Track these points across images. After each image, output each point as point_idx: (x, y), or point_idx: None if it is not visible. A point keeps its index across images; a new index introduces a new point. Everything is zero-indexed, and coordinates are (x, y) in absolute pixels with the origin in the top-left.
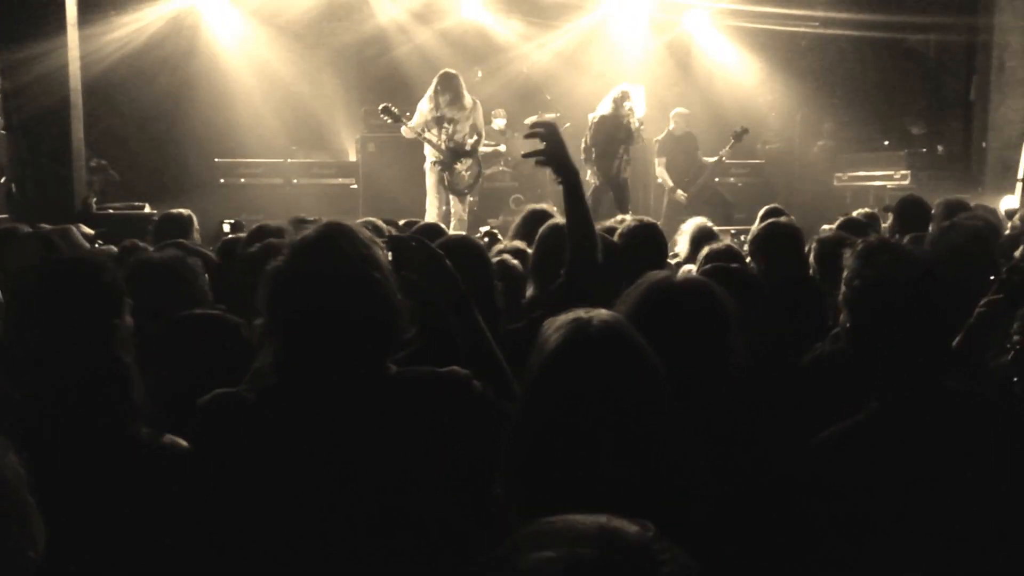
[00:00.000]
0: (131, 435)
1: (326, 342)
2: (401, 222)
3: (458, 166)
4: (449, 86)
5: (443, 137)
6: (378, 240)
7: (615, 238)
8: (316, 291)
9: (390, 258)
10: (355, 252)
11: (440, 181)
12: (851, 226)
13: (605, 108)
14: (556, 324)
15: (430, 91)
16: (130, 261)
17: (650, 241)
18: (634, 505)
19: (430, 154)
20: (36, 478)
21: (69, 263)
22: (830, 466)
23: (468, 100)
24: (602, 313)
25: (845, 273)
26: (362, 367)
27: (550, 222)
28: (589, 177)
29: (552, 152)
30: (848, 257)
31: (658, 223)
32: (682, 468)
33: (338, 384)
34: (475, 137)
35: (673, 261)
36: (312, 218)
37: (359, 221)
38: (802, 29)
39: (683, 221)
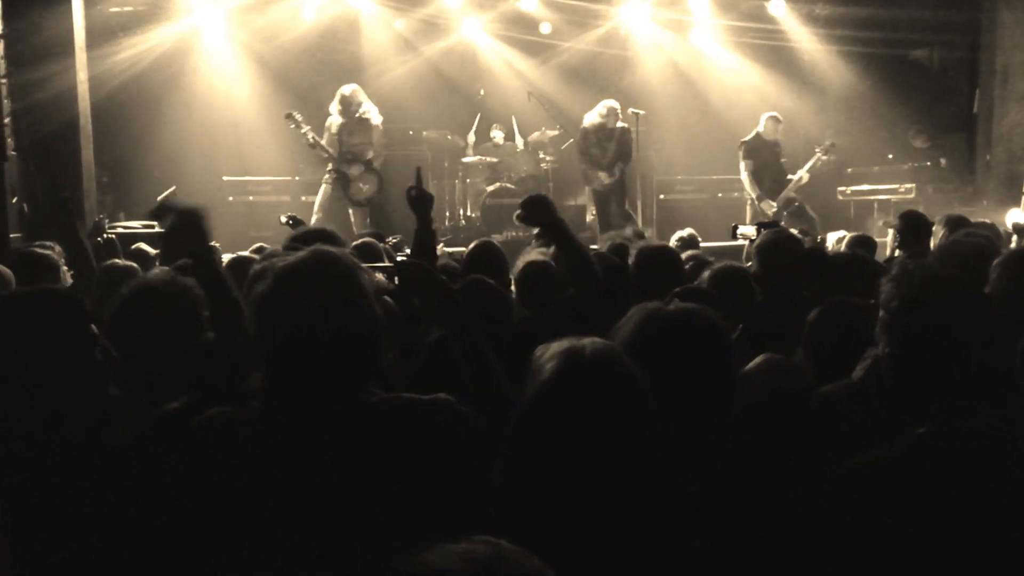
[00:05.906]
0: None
1: (308, 366)
2: (390, 239)
3: (353, 173)
4: (348, 101)
5: (340, 147)
6: (363, 266)
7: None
8: (298, 315)
9: (396, 282)
10: (337, 277)
11: (334, 190)
12: (861, 243)
13: (593, 118)
14: (550, 351)
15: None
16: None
17: (665, 263)
18: (625, 533)
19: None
20: None
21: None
22: (869, 493)
23: (368, 115)
24: (595, 341)
25: (882, 297)
26: (345, 392)
27: (528, 259)
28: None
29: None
30: (885, 282)
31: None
32: (674, 497)
33: (321, 409)
34: (371, 154)
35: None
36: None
37: (358, 242)
38: (805, 44)
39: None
